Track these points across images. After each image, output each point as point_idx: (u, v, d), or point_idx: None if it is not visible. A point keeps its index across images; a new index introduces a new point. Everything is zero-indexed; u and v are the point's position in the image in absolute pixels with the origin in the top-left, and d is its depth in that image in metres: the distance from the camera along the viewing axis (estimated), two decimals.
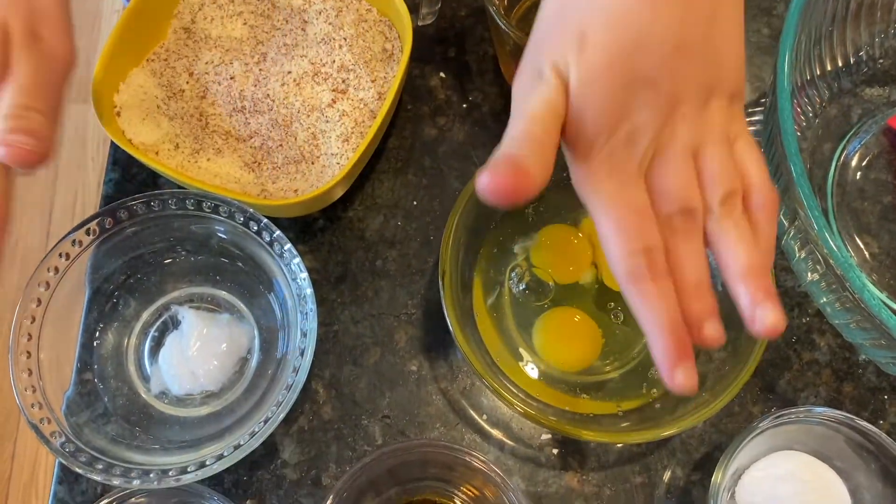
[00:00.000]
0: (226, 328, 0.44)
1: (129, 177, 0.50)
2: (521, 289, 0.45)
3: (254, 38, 0.48)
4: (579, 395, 0.43)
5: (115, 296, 0.45)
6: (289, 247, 0.41)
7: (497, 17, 0.44)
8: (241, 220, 0.42)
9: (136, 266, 0.45)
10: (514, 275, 0.45)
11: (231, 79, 0.47)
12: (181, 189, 0.43)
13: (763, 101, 0.52)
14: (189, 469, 0.38)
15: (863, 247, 0.47)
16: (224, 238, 0.43)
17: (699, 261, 0.30)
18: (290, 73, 0.47)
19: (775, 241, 0.31)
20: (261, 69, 0.47)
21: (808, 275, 0.43)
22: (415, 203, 0.49)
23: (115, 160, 0.50)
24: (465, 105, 0.51)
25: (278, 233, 0.41)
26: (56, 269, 0.41)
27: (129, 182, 0.50)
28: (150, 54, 0.48)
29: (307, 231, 0.48)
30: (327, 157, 0.45)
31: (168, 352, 0.44)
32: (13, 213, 0.33)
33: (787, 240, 0.44)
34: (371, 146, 0.44)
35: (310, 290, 0.40)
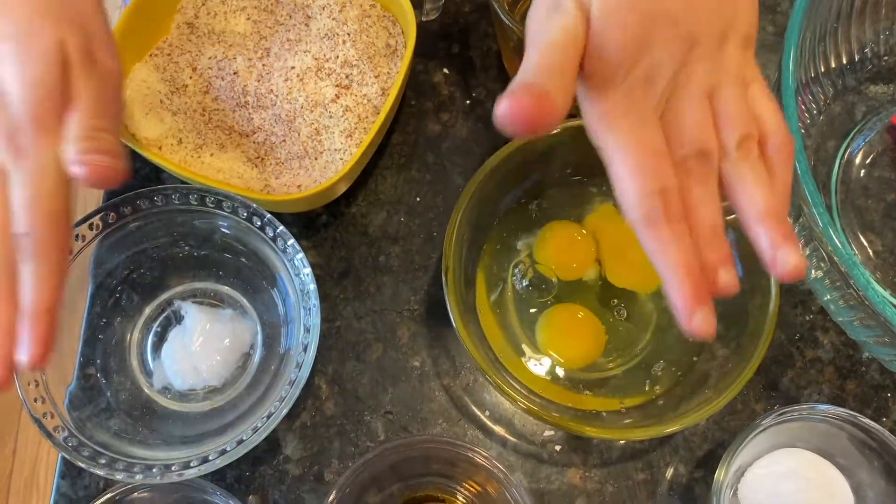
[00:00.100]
0: (229, 323, 0.44)
1: (132, 171, 0.50)
2: (524, 285, 0.45)
3: (257, 33, 0.48)
4: (582, 391, 0.43)
5: (118, 291, 0.45)
6: (292, 242, 0.41)
7: (501, 13, 0.44)
8: (245, 215, 0.41)
9: (140, 261, 0.45)
10: (517, 271, 0.45)
11: (234, 74, 0.47)
12: (184, 184, 0.43)
13: None
14: (192, 464, 0.38)
15: (866, 244, 0.47)
16: (227, 233, 0.43)
17: (714, 205, 0.29)
18: (293, 68, 0.47)
19: (791, 185, 0.30)
20: (264, 64, 0.47)
21: (811, 272, 0.43)
22: (418, 199, 0.49)
23: None
24: (468, 101, 0.51)
25: (282, 228, 0.41)
26: None
27: (133, 177, 0.49)
28: (153, 49, 0.47)
29: (310, 227, 0.48)
30: (331, 153, 0.45)
31: (171, 347, 0.44)
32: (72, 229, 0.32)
33: None
34: (374, 142, 0.44)
35: (313, 286, 0.40)
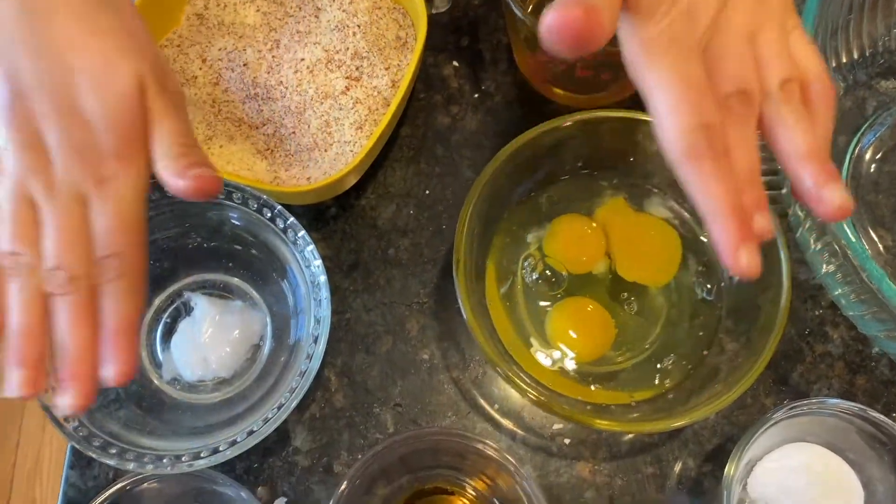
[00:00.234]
0: (238, 315, 0.44)
1: None
2: (533, 278, 0.45)
3: (267, 24, 0.48)
4: (592, 384, 0.43)
5: None
6: (303, 234, 0.41)
7: (513, 5, 0.44)
8: (255, 206, 0.41)
9: (149, 252, 0.44)
10: (527, 264, 0.45)
11: (244, 66, 0.47)
12: None
13: None
14: (202, 454, 0.38)
15: (877, 240, 0.47)
16: (237, 225, 0.43)
17: (752, 148, 0.29)
18: (303, 60, 0.47)
19: (831, 135, 0.30)
20: (274, 56, 0.47)
21: (822, 266, 0.43)
22: (427, 192, 0.49)
23: None
24: (478, 94, 0.51)
25: (292, 220, 0.41)
26: None
27: None
28: (162, 40, 0.47)
29: (320, 219, 0.48)
30: (340, 145, 0.45)
31: (180, 338, 0.44)
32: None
33: (803, 232, 0.43)
34: (385, 134, 0.44)
35: (323, 278, 0.40)
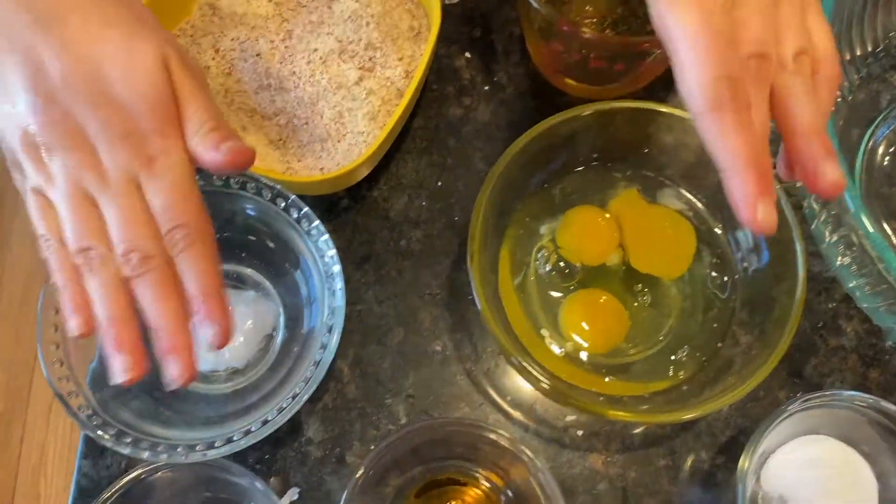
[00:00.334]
0: (251, 305, 0.44)
1: None
2: (547, 270, 0.44)
3: (279, 15, 0.48)
4: (605, 376, 0.42)
5: None
6: (317, 223, 0.41)
7: None
8: (269, 196, 0.41)
9: None
10: (540, 256, 0.45)
11: (257, 56, 0.47)
12: None
13: None
14: (216, 444, 0.37)
15: (891, 232, 0.47)
16: (251, 215, 0.43)
17: (765, 111, 0.30)
18: (316, 50, 0.47)
19: (829, 116, 0.31)
20: (286, 46, 0.47)
21: (837, 259, 0.43)
22: (439, 184, 0.49)
23: None
24: (490, 85, 0.51)
25: (306, 209, 0.41)
26: None
27: None
28: (175, 30, 0.47)
29: (332, 210, 0.48)
30: (354, 136, 0.45)
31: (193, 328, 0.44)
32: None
33: (818, 224, 0.43)
34: (399, 124, 0.44)
35: (337, 268, 0.40)
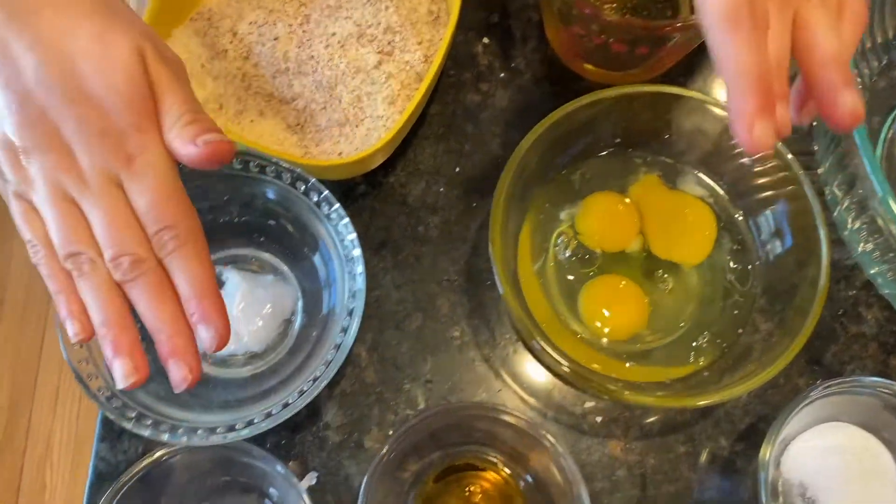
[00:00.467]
0: (270, 289, 0.43)
1: None
2: (566, 256, 0.44)
3: None
4: (626, 362, 0.42)
5: None
6: (336, 207, 0.40)
7: None
8: (288, 179, 0.41)
9: None
10: (560, 242, 0.44)
11: (275, 40, 0.46)
12: None
13: None
14: (237, 426, 0.37)
15: None
16: (270, 199, 0.43)
17: (785, 42, 0.30)
18: (334, 34, 0.46)
19: (853, 54, 0.31)
20: (304, 31, 0.47)
21: (860, 245, 0.43)
22: (457, 170, 0.49)
23: None
24: (507, 71, 0.50)
25: (326, 192, 0.41)
26: None
27: None
28: (193, 14, 0.47)
29: (349, 196, 0.48)
30: (372, 120, 0.45)
31: None
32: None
33: (840, 211, 0.43)
34: (419, 108, 0.43)
35: (357, 252, 0.40)
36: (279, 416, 0.37)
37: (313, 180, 0.41)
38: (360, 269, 0.40)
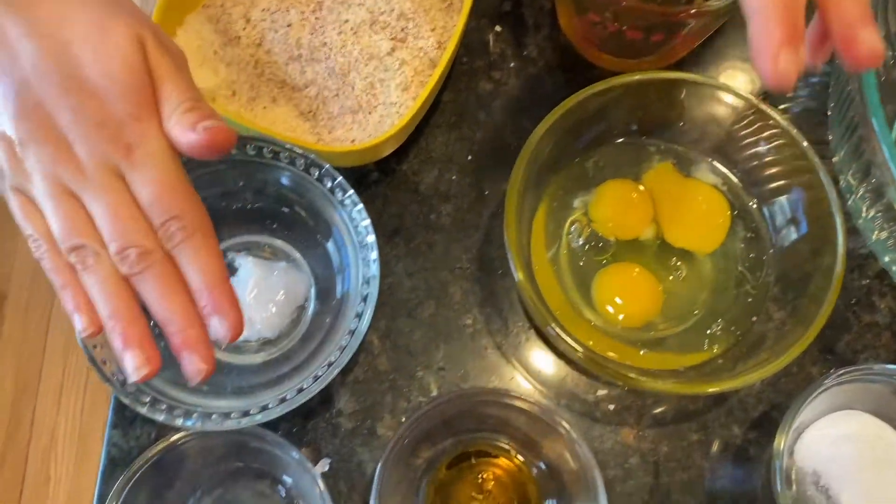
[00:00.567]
0: (283, 276, 0.43)
1: None
2: (580, 243, 0.44)
3: None
4: (639, 349, 0.42)
5: None
6: (350, 193, 0.40)
7: None
8: (302, 165, 0.41)
9: None
10: (573, 229, 0.44)
11: (287, 26, 0.46)
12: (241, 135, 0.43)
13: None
14: (251, 411, 0.37)
15: None
16: (283, 185, 0.43)
17: None
18: (347, 21, 0.46)
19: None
20: (317, 17, 0.47)
21: (874, 234, 0.43)
22: (469, 158, 0.49)
23: None
24: (520, 59, 0.50)
25: (340, 178, 0.41)
26: None
27: None
28: (206, 1, 0.47)
29: (361, 183, 0.48)
30: (385, 107, 0.45)
31: None
32: None
33: (855, 199, 0.43)
34: (432, 94, 0.43)
35: (371, 238, 0.40)
36: (294, 401, 0.37)
37: (327, 166, 0.41)
38: (374, 255, 0.39)
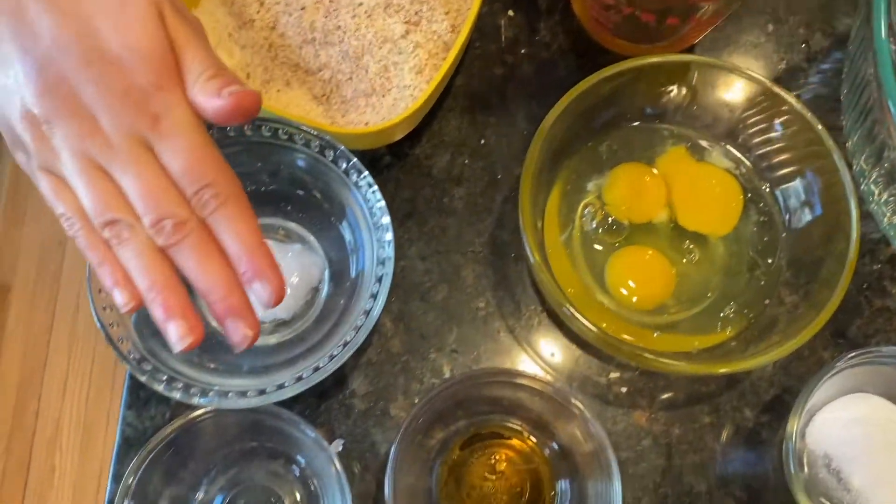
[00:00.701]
0: (297, 258, 0.44)
1: None
2: (593, 227, 0.44)
3: None
4: (653, 331, 0.42)
5: None
6: (365, 175, 0.41)
7: None
8: (317, 147, 0.41)
9: None
10: (587, 212, 0.45)
11: (301, 10, 0.46)
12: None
13: (835, 51, 0.51)
14: (267, 390, 0.38)
15: None
16: (298, 167, 0.43)
17: None
18: (361, 4, 0.46)
19: None
20: (331, 1, 0.47)
21: (886, 218, 0.43)
22: (482, 142, 0.49)
23: None
24: (533, 44, 0.50)
25: (354, 160, 0.41)
26: None
27: None
28: None
29: (374, 167, 0.48)
30: (399, 90, 0.45)
31: None
32: None
33: (867, 184, 0.43)
34: (446, 77, 0.43)
35: (386, 219, 0.40)
36: (310, 380, 0.38)
37: (342, 148, 0.41)
38: (389, 236, 0.40)
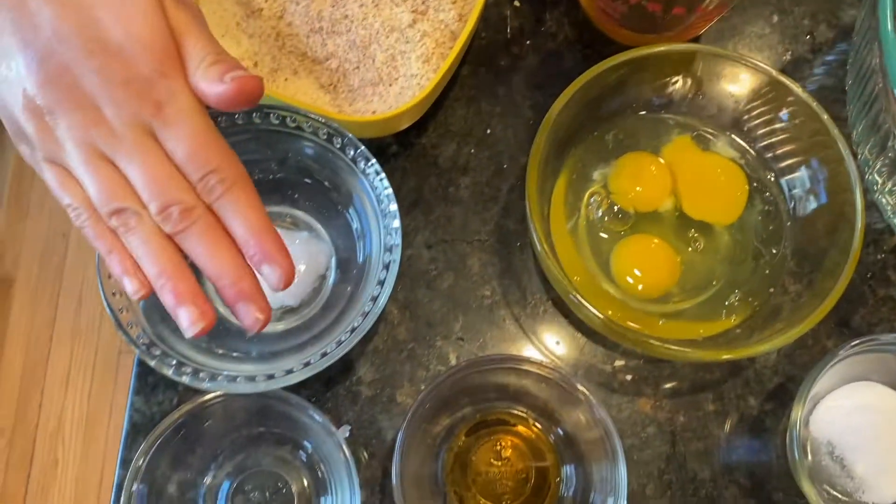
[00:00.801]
0: (304, 245, 0.44)
1: None
2: (599, 215, 0.45)
3: None
4: (658, 319, 0.43)
5: None
6: (373, 162, 0.41)
7: None
8: (325, 135, 0.41)
9: None
10: (592, 201, 0.45)
11: None
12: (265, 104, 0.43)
13: (840, 42, 0.51)
14: (276, 375, 0.38)
15: None
16: (306, 154, 0.43)
17: None
18: None
19: None
20: None
21: (890, 207, 0.43)
22: (488, 131, 0.49)
23: None
24: (539, 34, 0.51)
25: (362, 148, 0.41)
26: None
27: None
28: None
29: (380, 156, 0.48)
30: (406, 79, 0.45)
31: None
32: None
33: (872, 174, 0.43)
34: (453, 66, 0.43)
35: (394, 206, 0.40)
36: (318, 365, 0.38)
37: (349, 135, 0.41)
38: (396, 223, 0.40)
